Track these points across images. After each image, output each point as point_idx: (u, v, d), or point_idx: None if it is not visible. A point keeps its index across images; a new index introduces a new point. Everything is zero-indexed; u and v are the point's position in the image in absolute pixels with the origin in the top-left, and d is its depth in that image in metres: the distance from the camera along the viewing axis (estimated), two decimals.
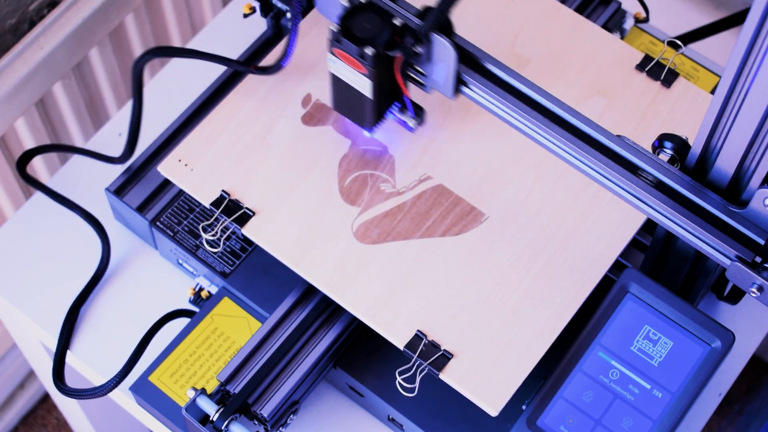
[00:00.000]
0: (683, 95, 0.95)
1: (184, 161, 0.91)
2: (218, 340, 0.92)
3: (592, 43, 0.98)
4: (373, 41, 0.80)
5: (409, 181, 0.91)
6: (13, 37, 1.11)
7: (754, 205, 0.75)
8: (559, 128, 0.80)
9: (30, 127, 1.19)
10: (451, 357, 0.83)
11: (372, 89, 0.83)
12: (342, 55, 0.82)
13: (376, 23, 0.80)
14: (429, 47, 0.80)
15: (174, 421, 0.89)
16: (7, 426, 1.63)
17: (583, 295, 0.86)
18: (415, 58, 0.81)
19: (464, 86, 0.83)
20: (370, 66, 0.80)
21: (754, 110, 0.70)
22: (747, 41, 0.67)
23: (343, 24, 0.80)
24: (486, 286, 0.86)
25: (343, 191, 0.90)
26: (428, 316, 0.85)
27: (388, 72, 0.83)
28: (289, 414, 0.89)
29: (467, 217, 0.89)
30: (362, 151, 0.92)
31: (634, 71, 0.96)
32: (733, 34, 1.06)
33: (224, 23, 1.11)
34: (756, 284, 0.75)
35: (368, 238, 0.88)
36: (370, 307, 0.85)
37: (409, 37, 0.80)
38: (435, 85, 0.83)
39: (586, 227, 0.89)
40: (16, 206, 1.26)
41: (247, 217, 0.88)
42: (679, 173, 0.78)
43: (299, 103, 0.94)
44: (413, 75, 0.84)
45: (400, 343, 0.84)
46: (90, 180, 1.04)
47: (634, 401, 0.82)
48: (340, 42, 0.81)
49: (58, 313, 0.97)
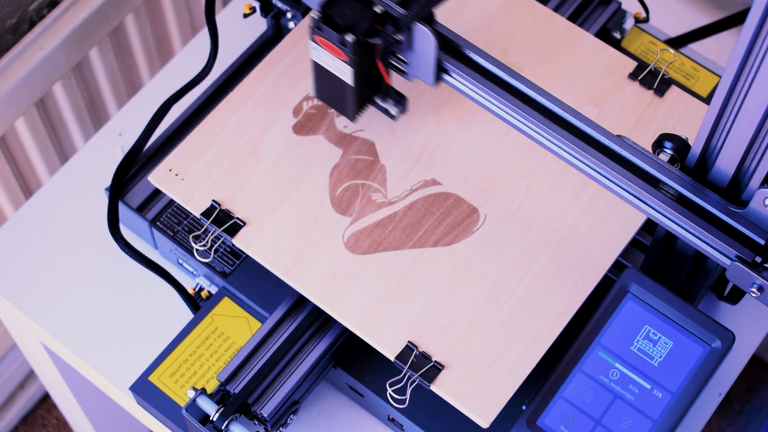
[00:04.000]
0: (676, 104, 0.95)
1: (175, 171, 0.91)
2: (218, 340, 0.92)
3: (585, 51, 0.98)
4: (353, 28, 0.80)
5: (400, 191, 0.91)
6: (13, 37, 1.11)
7: (754, 205, 0.75)
8: (542, 117, 0.80)
9: (30, 127, 1.19)
10: (442, 368, 0.83)
11: (353, 77, 0.83)
12: (323, 43, 0.82)
13: (356, 11, 0.80)
14: (410, 35, 0.80)
15: (174, 421, 0.89)
16: (7, 426, 1.63)
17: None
18: (396, 45, 0.81)
19: (445, 74, 0.82)
20: (350, 53, 0.80)
21: (755, 110, 0.70)
22: (747, 41, 0.67)
23: (324, 11, 0.80)
24: (478, 296, 0.86)
25: (334, 201, 0.90)
26: (419, 326, 0.85)
27: (369, 60, 0.83)
28: (289, 414, 0.89)
29: (459, 227, 0.89)
30: (353, 160, 0.92)
31: (626, 80, 0.96)
32: (733, 34, 1.06)
33: (224, 23, 1.11)
34: (756, 284, 0.75)
35: (359, 248, 0.88)
36: (360, 317, 0.85)
37: (389, 25, 0.80)
38: (416, 72, 0.83)
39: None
40: (16, 206, 1.26)
41: (237, 227, 0.88)
42: (679, 173, 0.78)
43: (290, 112, 0.94)
44: (395, 63, 0.84)
45: (390, 355, 0.84)
46: (90, 180, 1.04)
47: (634, 401, 0.82)
48: (321, 29, 0.81)
49: (58, 313, 0.97)
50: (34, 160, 1.25)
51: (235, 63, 1.04)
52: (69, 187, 1.04)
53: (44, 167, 1.27)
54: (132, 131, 1.06)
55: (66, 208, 1.02)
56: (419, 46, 0.80)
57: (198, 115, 1.01)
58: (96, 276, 0.99)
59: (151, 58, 1.34)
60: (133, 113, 1.08)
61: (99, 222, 1.01)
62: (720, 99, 0.72)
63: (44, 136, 1.23)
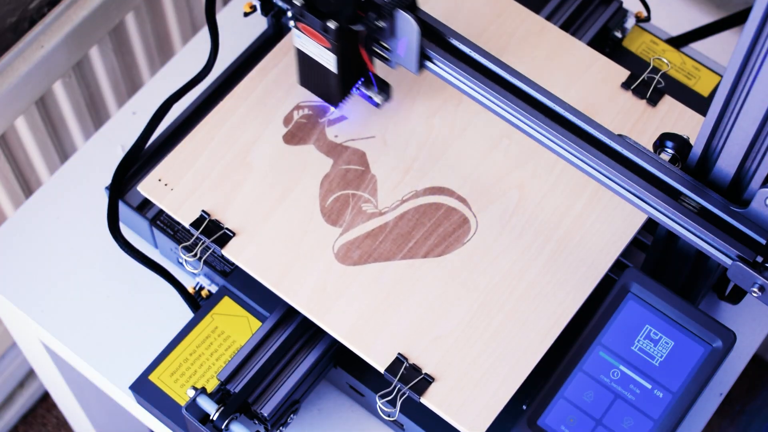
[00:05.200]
0: (669, 114, 0.95)
1: (164, 181, 0.90)
2: (218, 339, 0.92)
3: (578, 60, 0.97)
4: (336, 15, 0.80)
5: (391, 201, 0.90)
6: (14, 36, 1.11)
7: (755, 204, 0.74)
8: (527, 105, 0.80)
9: (30, 126, 1.19)
10: (433, 380, 0.83)
11: (336, 63, 0.83)
12: (306, 30, 0.82)
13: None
14: (392, 22, 0.80)
15: (174, 420, 0.89)
16: (7, 425, 1.63)
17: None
18: (379, 32, 0.81)
19: (428, 61, 0.82)
20: (333, 40, 0.80)
21: (756, 110, 0.70)
22: (748, 41, 0.67)
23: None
24: (469, 308, 0.86)
25: (324, 211, 0.90)
26: (410, 338, 0.84)
27: (352, 47, 0.83)
28: (290, 413, 0.89)
29: (450, 237, 0.89)
30: (344, 170, 0.91)
31: (619, 89, 0.96)
32: (734, 34, 1.06)
33: (225, 22, 1.11)
34: (757, 284, 0.75)
35: (349, 259, 0.88)
36: (350, 329, 0.85)
37: (372, 12, 0.79)
38: (399, 60, 0.83)
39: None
40: (16, 205, 1.26)
41: (227, 237, 0.88)
42: (680, 173, 0.78)
43: (281, 122, 0.94)
44: (378, 50, 0.84)
45: (380, 367, 0.83)
46: (90, 179, 1.03)
47: (634, 401, 0.82)
48: (304, 16, 0.81)
49: (58, 313, 0.97)
50: (34, 159, 1.25)
51: (236, 62, 1.04)
52: (69, 186, 1.03)
53: (44, 166, 1.27)
54: (132, 131, 1.06)
55: (66, 207, 1.02)
56: (402, 33, 0.80)
57: (198, 115, 1.01)
58: (96, 275, 0.99)
59: (151, 56, 1.34)
60: (133, 113, 1.08)
61: (99, 221, 1.01)
62: (721, 99, 0.71)
63: (44, 135, 1.23)
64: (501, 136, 0.93)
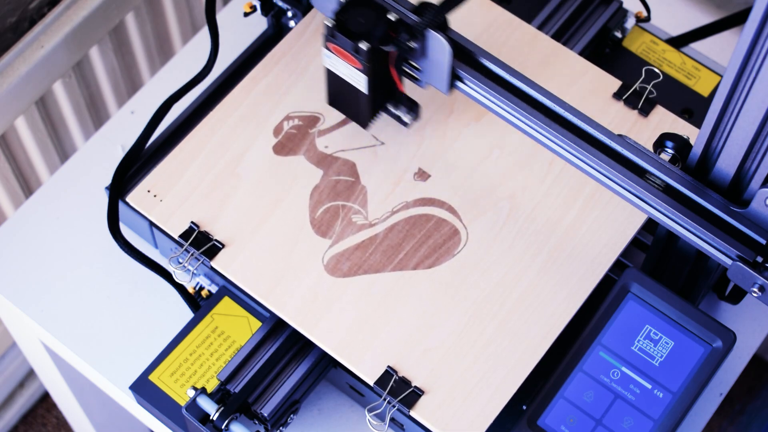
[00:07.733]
0: (661, 124, 0.94)
1: (153, 192, 0.90)
2: (218, 339, 0.92)
3: (569, 70, 0.97)
4: (367, 36, 0.80)
5: (381, 213, 0.90)
6: (14, 36, 1.11)
7: (755, 204, 0.74)
8: (555, 124, 0.80)
9: (30, 126, 1.19)
10: (422, 393, 0.83)
11: (367, 84, 0.83)
12: (337, 50, 0.82)
13: (370, 18, 0.80)
14: (423, 42, 0.80)
15: (174, 420, 0.89)
16: (6, 425, 1.63)
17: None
18: (410, 53, 0.81)
19: (459, 81, 0.82)
20: (364, 61, 0.80)
21: (756, 110, 0.70)
22: (748, 41, 0.67)
23: (338, 19, 0.80)
24: (459, 320, 0.85)
25: (314, 223, 0.89)
26: (399, 351, 0.84)
27: (382, 67, 0.82)
28: (290, 413, 0.89)
29: (440, 249, 0.88)
30: (334, 181, 0.91)
31: (611, 100, 0.95)
32: (734, 34, 1.06)
33: (225, 22, 1.11)
34: (757, 284, 0.75)
35: (339, 271, 0.87)
36: (340, 341, 0.85)
37: (403, 32, 0.79)
38: (430, 80, 0.83)
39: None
40: (16, 205, 1.26)
41: (216, 249, 0.88)
42: (680, 173, 0.78)
43: (270, 133, 0.93)
44: (408, 70, 0.84)
45: (370, 380, 0.83)
46: (90, 179, 1.03)
47: (635, 401, 0.82)
48: (335, 37, 0.80)
49: (58, 313, 0.97)
50: (34, 159, 1.25)
51: (236, 62, 1.04)
52: (69, 186, 1.03)
53: (44, 166, 1.27)
54: (132, 131, 1.06)
55: (66, 207, 1.02)
56: (433, 53, 0.80)
57: (198, 115, 1.00)
58: (96, 275, 0.99)
59: (151, 56, 1.34)
60: (133, 113, 1.08)
61: (99, 221, 1.01)
62: (721, 99, 0.71)
63: (44, 135, 1.23)
64: (492, 146, 0.92)
